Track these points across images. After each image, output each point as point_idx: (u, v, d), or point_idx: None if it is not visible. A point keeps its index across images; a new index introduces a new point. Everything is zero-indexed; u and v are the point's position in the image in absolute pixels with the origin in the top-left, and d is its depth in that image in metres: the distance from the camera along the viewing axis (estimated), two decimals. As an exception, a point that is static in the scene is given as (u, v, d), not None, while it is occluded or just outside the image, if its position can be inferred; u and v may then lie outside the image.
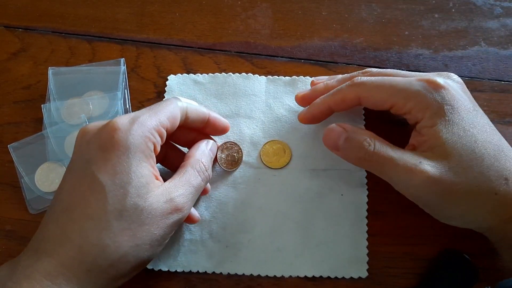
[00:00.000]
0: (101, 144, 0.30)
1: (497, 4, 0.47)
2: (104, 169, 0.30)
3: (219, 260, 0.37)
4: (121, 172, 0.30)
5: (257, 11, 0.47)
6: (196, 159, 0.35)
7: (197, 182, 0.34)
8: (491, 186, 0.31)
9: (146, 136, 0.31)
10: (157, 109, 0.33)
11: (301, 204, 0.38)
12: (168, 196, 0.31)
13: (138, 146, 0.31)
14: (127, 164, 0.30)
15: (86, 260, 0.28)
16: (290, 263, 0.37)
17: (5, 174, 0.40)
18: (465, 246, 0.37)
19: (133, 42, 0.46)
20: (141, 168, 0.31)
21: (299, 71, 0.44)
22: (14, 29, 0.46)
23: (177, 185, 0.33)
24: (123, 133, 0.30)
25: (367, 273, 0.37)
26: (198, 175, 0.34)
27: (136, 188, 0.30)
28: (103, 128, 0.31)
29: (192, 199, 0.34)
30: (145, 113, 0.32)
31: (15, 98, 0.43)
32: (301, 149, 0.40)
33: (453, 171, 0.31)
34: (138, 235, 0.30)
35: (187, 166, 0.34)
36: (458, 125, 0.32)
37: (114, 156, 0.30)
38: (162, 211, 0.31)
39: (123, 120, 0.31)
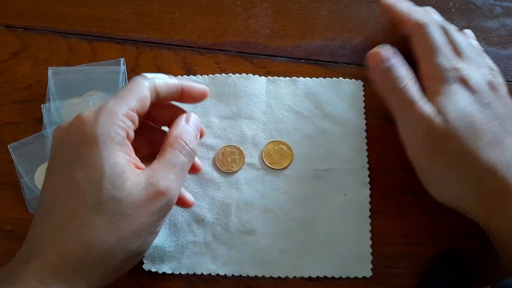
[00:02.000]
0: (71, 142, 0.30)
1: (497, 4, 0.47)
2: (78, 166, 0.29)
3: (224, 262, 0.37)
4: (94, 165, 0.29)
5: (257, 11, 0.47)
6: (173, 136, 0.33)
7: (178, 161, 0.32)
8: (476, 167, 0.33)
9: (115, 123, 0.30)
10: (123, 94, 0.31)
11: (304, 204, 0.38)
12: (147, 181, 0.30)
13: (108, 136, 0.29)
14: (98, 156, 0.29)
15: (72, 258, 0.28)
16: (295, 264, 0.37)
17: (5, 174, 0.40)
18: (465, 246, 0.37)
19: (133, 42, 0.45)
20: (114, 157, 0.29)
21: (299, 71, 0.44)
22: (14, 29, 0.46)
23: (157, 168, 0.31)
24: (90, 126, 0.29)
25: (371, 273, 0.37)
26: (178, 152, 0.32)
27: (110, 180, 0.29)
28: (71, 124, 0.31)
29: (177, 180, 0.32)
30: (110, 100, 0.31)
31: (15, 98, 0.43)
32: (303, 149, 0.40)
33: (449, 136, 0.33)
34: (121, 227, 0.29)
35: (166, 146, 0.32)
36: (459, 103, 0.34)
37: (84, 151, 0.29)
38: (143, 198, 0.29)
39: (89, 112, 0.30)
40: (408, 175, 0.39)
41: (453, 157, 0.33)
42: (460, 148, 0.33)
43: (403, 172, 0.39)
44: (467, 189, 0.34)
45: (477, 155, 0.33)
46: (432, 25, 0.37)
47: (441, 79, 0.35)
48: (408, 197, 0.39)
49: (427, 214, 0.38)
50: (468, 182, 0.33)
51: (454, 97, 0.34)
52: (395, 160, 0.40)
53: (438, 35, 0.37)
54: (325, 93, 0.42)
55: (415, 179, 0.37)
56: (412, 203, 0.39)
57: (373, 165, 0.40)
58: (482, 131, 0.33)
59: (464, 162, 0.33)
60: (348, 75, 0.43)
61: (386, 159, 0.40)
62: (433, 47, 0.36)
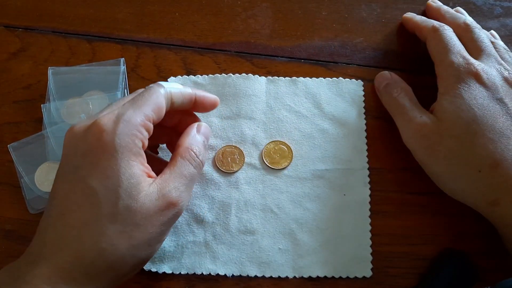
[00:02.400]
0: (89, 149, 0.30)
1: (497, 4, 0.47)
2: (94, 175, 0.29)
3: (223, 262, 0.37)
4: (111, 175, 0.29)
5: (257, 11, 0.47)
6: (185, 147, 0.34)
7: (189, 172, 0.33)
8: (475, 162, 0.34)
9: (133, 134, 0.30)
10: (140, 102, 0.32)
11: (304, 204, 0.38)
12: (160, 192, 0.31)
13: (126, 146, 0.30)
14: (116, 166, 0.30)
15: (84, 264, 0.29)
16: (294, 264, 0.37)
17: (5, 174, 0.40)
18: (465, 246, 0.37)
19: (133, 42, 0.45)
20: (131, 168, 0.30)
21: (299, 71, 0.44)
22: (14, 29, 0.46)
23: (168, 179, 0.32)
24: (109, 135, 0.30)
25: (371, 273, 0.37)
26: (189, 163, 0.33)
27: (127, 190, 0.30)
28: (88, 131, 0.30)
29: (187, 190, 0.33)
30: (129, 109, 0.31)
31: (15, 98, 0.43)
32: (302, 149, 0.40)
33: (442, 133, 0.35)
34: (134, 236, 0.30)
35: (177, 156, 0.33)
36: (464, 100, 0.35)
37: (103, 160, 0.29)
38: (155, 209, 0.30)
39: (108, 120, 0.30)
40: (408, 175, 0.39)
41: (448, 152, 0.34)
42: (454, 145, 0.34)
43: (403, 172, 0.39)
44: (467, 183, 0.34)
45: (475, 151, 0.33)
46: (445, 28, 0.39)
47: (451, 76, 0.36)
48: (408, 197, 0.39)
49: (427, 214, 0.38)
50: (467, 176, 0.34)
51: (459, 97, 0.35)
52: (395, 160, 0.40)
53: (450, 35, 0.38)
54: (325, 93, 0.42)
55: (415, 179, 0.37)
56: (412, 203, 0.39)
57: (373, 165, 0.40)
58: (484, 129, 0.34)
59: (460, 156, 0.34)
60: (348, 75, 0.43)
61: (386, 159, 0.40)
62: (446, 47, 0.37)
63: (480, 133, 0.34)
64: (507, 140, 0.33)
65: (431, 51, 0.39)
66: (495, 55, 0.38)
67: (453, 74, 0.36)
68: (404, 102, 0.38)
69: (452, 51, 0.37)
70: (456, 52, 0.37)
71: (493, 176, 0.33)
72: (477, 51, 0.38)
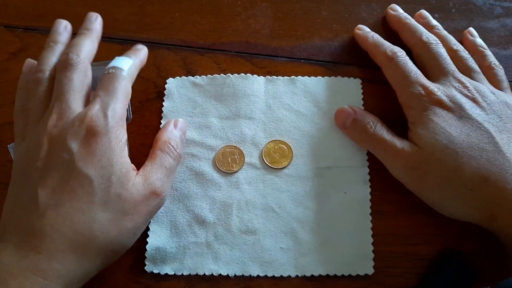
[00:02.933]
0: (83, 139, 0.31)
1: (497, 4, 0.47)
2: (90, 164, 0.31)
3: (225, 262, 0.37)
4: (106, 165, 0.31)
5: (257, 11, 0.47)
6: (163, 141, 0.37)
7: (169, 163, 0.35)
8: (464, 182, 0.34)
9: (120, 125, 0.33)
10: (115, 92, 0.34)
11: (305, 203, 0.38)
12: (145, 182, 0.33)
13: (117, 137, 0.32)
14: (110, 155, 0.32)
15: (77, 252, 0.29)
16: (296, 263, 0.37)
17: (4, 173, 0.40)
18: (465, 246, 0.37)
19: (133, 42, 0.45)
20: (122, 157, 0.32)
21: (299, 71, 0.44)
22: (14, 29, 0.46)
23: (151, 170, 0.34)
24: (103, 126, 0.32)
25: (373, 270, 0.37)
26: (168, 156, 0.36)
27: (118, 178, 0.31)
28: (80, 122, 0.32)
29: (169, 181, 0.35)
30: (110, 101, 0.33)
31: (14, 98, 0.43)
32: (302, 148, 0.40)
33: (427, 160, 0.35)
34: (122, 224, 0.31)
35: (156, 150, 0.36)
36: (436, 124, 0.35)
37: (98, 150, 0.31)
38: (142, 198, 0.32)
39: (97, 112, 0.32)
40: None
41: (439, 178, 0.34)
42: (442, 169, 0.34)
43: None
44: (463, 203, 0.35)
45: (462, 170, 0.34)
46: (398, 56, 0.39)
47: (416, 106, 0.37)
48: (408, 197, 0.39)
49: (427, 214, 0.38)
50: (461, 196, 0.34)
51: (430, 122, 0.35)
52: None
53: (405, 62, 0.38)
54: (324, 91, 0.42)
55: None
56: (412, 203, 0.38)
57: (373, 165, 0.40)
58: (463, 147, 0.34)
59: (451, 180, 0.34)
60: (348, 75, 0.43)
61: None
62: (403, 77, 0.38)
63: (460, 152, 0.34)
64: (487, 154, 0.34)
65: (389, 80, 0.40)
66: (453, 72, 0.38)
67: (417, 104, 0.36)
68: (383, 135, 0.37)
69: (410, 80, 0.37)
70: (414, 82, 0.37)
71: (484, 191, 0.33)
72: (435, 70, 0.39)
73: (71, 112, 0.33)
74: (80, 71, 0.34)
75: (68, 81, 0.34)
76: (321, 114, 0.41)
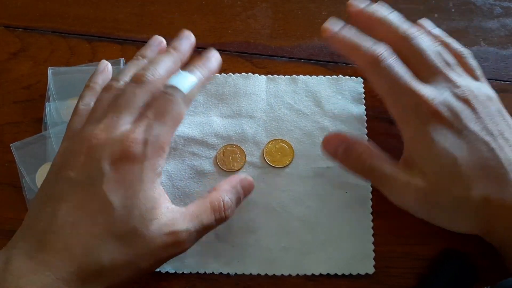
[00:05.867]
0: (114, 161, 0.29)
1: (497, 4, 0.47)
2: (116, 190, 0.29)
3: (226, 261, 0.37)
4: (131, 195, 0.29)
5: (257, 11, 0.47)
6: (218, 195, 0.33)
7: (208, 221, 0.32)
8: (471, 205, 0.32)
9: (158, 155, 0.30)
10: (165, 117, 0.31)
11: (306, 202, 0.39)
12: (172, 227, 0.30)
13: (152, 168, 0.30)
14: (139, 186, 0.29)
15: (83, 276, 0.28)
16: (297, 262, 0.37)
17: (5, 174, 0.40)
18: (465, 246, 0.37)
19: (133, 42, 0.45)
20: (151, 190, 0.30)
21: (299, 71, 0.44)
22: (14, 29, 0.46)
23: (186, 217, 0.31)
24: (138, 154, 0.30)
25: (374, 269, 0.37)
26: (212, 213, 0.32)
27: (142, 212, 0.29)
28: (116, 142, 0.30)
29: (197, 237, 0.32)
30: (155, 125, 0.31)
31: (15, 98, 0.43)
32: (304, 148, 0.40)
33: (434, 190, 0.32)
34: (133, 261, 0.29)
35: (206, 199, 0.33)
36: (437, 143, 0.32)
37: (127, 177, 0.29)
38: (161, 243, 0.30)
39: (137, 136, 0.30)
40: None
41: (448, 208, 0.33)
42: (450, 199, 0.33)
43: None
44: (467, 223, 0.34)
45: (469, 197, 0.32)
46: (386, 59, 0.34)
47: (412, 119, 0.33)
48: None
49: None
50: (467, 219, 0.33)
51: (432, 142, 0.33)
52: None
53: (393, 66, 0.34)
54: (325, 91, 0.42)
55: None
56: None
57: (373, 165, 0.40)
58: (467, 164, 0.32)
59: (459, 207, 0.33)
60: (348, 75, 0.43)
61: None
62: (393, 86, 0.34)
63: (466, 178, 0.32)
64: (487, 170, 0.32)
65: (375, 88, 0.36)
66: (442, 69, 0.35)
67: (414, 118, 0.33)
68: (382, 168, 0.34)
69: (401, 89, 0.33)
70: (405, 90, 0.33)
71: (488, 211, 0.32)
72: (423, 70, 0.35)
73: (119, 127, 0.31)
74: (147, 91, 0.33)
75: (132, 96, 0.32)
76: (322, 114, 0.42)
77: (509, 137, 0.33)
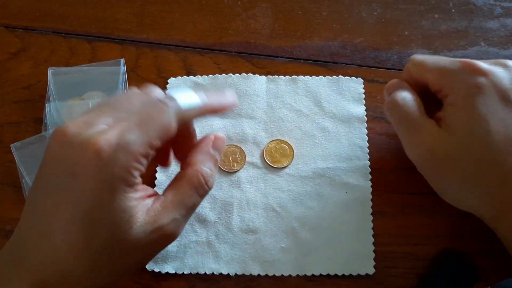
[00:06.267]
0: (80, 173, 0.26)
1: (497, 4, 0.47)
2: (84, 204, 0.26)
3: (226, 261, 0.37)
4: (102, 208, 0.26)
5: (257, 11, 0.47)
6: (195, 169, 0.31)
7: (192, 201, 0.30)
8: (488, 179, 0.32)
9: (131, 166, 0.27)
10: (147, 123, 0.28)
11: (306, 202, 0.38)
12: (156, 224, 0.28)
13: (122, 178, 0.27)
14: (109, 200, 0.26)
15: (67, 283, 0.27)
16: (297, 262, 0.37)
17: (5, 174, 0.40)
18: (465, 246, 0.37)
19: (133, 42, 0.46)
20: (124, 202, 0.27)
21: (299, 71, 0.44)
22: (14, 29, 0.46)
23: (168, 208, 0.29)
24: (105, 165, 0.26)
25: (374, 270, 0.37)
26: (194, 192, 0.30)
27: (118, 225, 0.27)
28: (82, 151, 0.26)
29: (185, 220, 0.30)
30: (133, 131, 0.27)
31: (15, 98, 0.43)
32: (303, 148, 0.40)
33: (456, 152, 0.32)
34: (121, 263, 0.28)
35: (183, 180, 0.30)
36: (477, 110, 0.32)
37: (95, 191, 0.26)
38: (148, 241, 0.28)
39: (106, 143, 0.26)
40: (408, 175, 0.39)
41: (464, 171, 0.32)
42: (472, 162, 0.32)
43: (403, 172, 0.39)
44: (478, 199, 0.33)
45: (488, 167, 0.31)
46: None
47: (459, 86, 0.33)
48: (408, 197, 0.39)
49: (427, 214, 0.38)
50: (479, 193, 0.33)
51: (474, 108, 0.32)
52: (396, 160, 0.40)
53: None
54: (325, 91, 0.42)
55: (415, 179, 0.37)
56: (413, 203, 0.39)
57: (374, 165, 0.40)
58: (499, 138, 0.31)
59: (475, 178, 0.32)
60: (348, 76, 0.43)
61: (386, 158, 0.40)
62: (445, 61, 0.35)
63: (494, 147, 0.31)
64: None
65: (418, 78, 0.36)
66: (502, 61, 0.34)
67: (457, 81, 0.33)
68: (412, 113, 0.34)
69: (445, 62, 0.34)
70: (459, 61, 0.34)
71: (505, 192, 0.31)
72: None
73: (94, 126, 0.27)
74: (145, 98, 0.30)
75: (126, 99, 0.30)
76: (322, 114, 0.42)
77: None
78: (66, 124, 0.28)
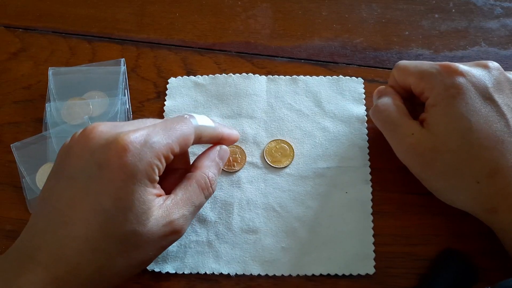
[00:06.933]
0: (107, 164, 0.29)
1: (497, 4, 0.47)
2: (107, 193, 0.28)
3: (227, 261, 0.37)
4: (124, 198, 0.29)
5: (257, 11, 0.47)
6: (202, 172, 0.34)
7: (199, 201, 0.33)
8: (472, 174, 0.33)
9: (154, 162, 0.30)
10: (170, 130, 0.31)
11: (306, 202, 0.38)
12: (168, 218, 0.31)
13: (144, 172, 0.29)
14: (131, 190, 0.29)
15: (81, 276, 0.28)
16: (297, 262, 0.37)
17: (5, 174, 0.40)
18: (465, 246, 0.37)
19: (133, 42, 0.46)
20: (145, 194, 0.30)
21: (299, 71, 0.44)
22: (14, 29, 0.46)
23: (178, 204, 0.32)
24: (132, 157, 0.29)
25: (374, 270, 0.37)
26: (201, 192, 0.34)
27: (137, 215, 0.29)
28: (111, 144, 0.29)
29: (191, 217, 0.33)
30: (158, 133, 0.30)
31: (15, 98, 0.43)
32: (304, 148, 0.40)
33: (438, 149, 0.33)
34: (133, 257, 0.30)
35: (192, 180, 0.34)
36: (457, 109, 0.33)
37: (119, 180, 0.29)
38: (160, 235, 0.30)
39: (135, 139, 0.29)
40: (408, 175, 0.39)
41: (447, 167, 0.33)
42: (451, 159, 0.33)
43: (403, 172, 0.39)
44: (466, 194, 0.34)
45: (472, 162, 0.33)
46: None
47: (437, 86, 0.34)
48: (408, 197, 0.39)
49: (427, 214, 0.38)
50: (465, 188, 0.34)
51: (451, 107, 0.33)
52: (396, 160, 0.40)
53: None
54: (325, 91, 0.42)
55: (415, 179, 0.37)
56: (413, 203, 0.39)
57: (374, 165, 0.40)
58: (480, 135, 0.32)
59: (458, 171, 0.33)
60: (348, 75, 0.43)
61: (386, 158, 0.40)
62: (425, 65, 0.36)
63: (476, 143, 0.33)
64: (501, 145, 0.32)
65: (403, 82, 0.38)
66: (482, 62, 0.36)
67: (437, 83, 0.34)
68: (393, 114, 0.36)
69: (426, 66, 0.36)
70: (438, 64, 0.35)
71: (491, 185, 0.32)
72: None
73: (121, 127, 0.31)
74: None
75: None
76: (322, 114, 0.42)
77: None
78: (97, 123, 0.31)
